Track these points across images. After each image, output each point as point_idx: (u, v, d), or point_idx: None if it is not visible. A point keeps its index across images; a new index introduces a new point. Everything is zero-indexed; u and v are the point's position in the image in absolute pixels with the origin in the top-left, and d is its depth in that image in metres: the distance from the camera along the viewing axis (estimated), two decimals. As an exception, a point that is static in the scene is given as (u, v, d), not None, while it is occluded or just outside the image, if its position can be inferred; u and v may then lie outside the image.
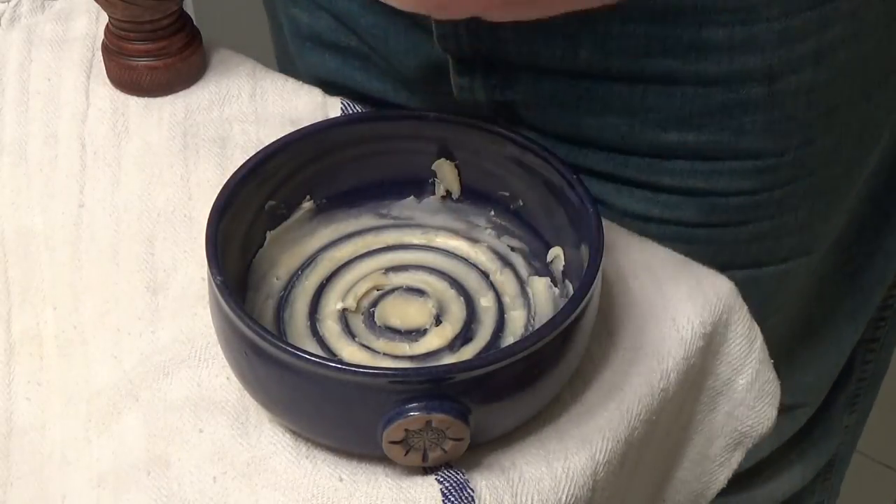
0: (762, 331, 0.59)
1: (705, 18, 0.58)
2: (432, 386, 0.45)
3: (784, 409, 0.64)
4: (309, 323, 0.53)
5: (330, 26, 0.69)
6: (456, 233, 0.57)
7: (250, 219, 0.54)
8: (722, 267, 0.59)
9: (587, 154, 0.63)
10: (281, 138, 0.54)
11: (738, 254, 0.65)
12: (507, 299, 0.54)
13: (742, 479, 0.78)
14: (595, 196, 0.53)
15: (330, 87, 0.70)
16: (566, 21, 0.55)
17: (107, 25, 0.67)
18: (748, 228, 0.64)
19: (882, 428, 1.43)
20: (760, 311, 0.60)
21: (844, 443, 0.91)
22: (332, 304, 0.54)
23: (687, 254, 0.60)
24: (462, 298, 0.54)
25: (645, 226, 0.63)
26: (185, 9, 0.68)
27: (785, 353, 0.71)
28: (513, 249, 0.56)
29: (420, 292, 0.54)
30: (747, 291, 0.59)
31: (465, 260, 0.56)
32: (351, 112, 0.66)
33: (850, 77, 0.62)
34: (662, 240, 0.60)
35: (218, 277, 0.47)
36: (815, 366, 0.80)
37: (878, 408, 0.90)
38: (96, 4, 0.65)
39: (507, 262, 0.56)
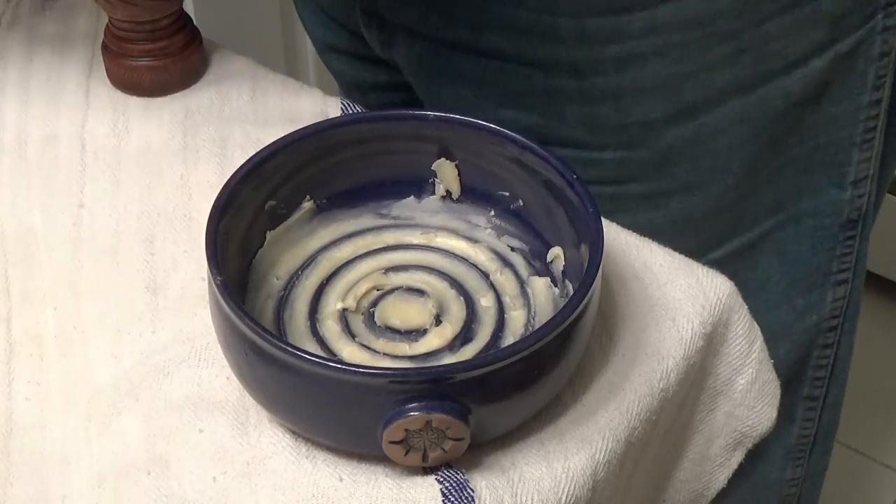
0: None
1: (518, 1, 0.61)
2: (432, 386, 0.45)
3: None
4: (309, 323, 0.53)
5: None
6: (456, 233, 0.57)
7: (250, 219, 0.54)
8: None
9: None
10: (281, 138, 0.54)
11: None
12: (507, 299, 0.54)
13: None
14: None
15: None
16: None
17: (107, 25, 0.67)
18: None
19: (882, 428, 1.43)
20: None
21: (792, 494, 0.83)
22: (332, 304, 0.54)
23: None
24: (462, 298, 0.54)
25: None
26: (185, 9, 0.68)
27: None
28: (513, 249, 0.56)
29: (420, 292, 0.54)
30: None
31: (465, 260, 0.56)
32: (351, 112, 0.66)
33: (664, 95, 0.63)
34: None
35: (218, 277, 0.47)
36: None
37: (879, 408, 0.88)
38: (96, 4, 0.65)
39: (507, 262, 0.56)
